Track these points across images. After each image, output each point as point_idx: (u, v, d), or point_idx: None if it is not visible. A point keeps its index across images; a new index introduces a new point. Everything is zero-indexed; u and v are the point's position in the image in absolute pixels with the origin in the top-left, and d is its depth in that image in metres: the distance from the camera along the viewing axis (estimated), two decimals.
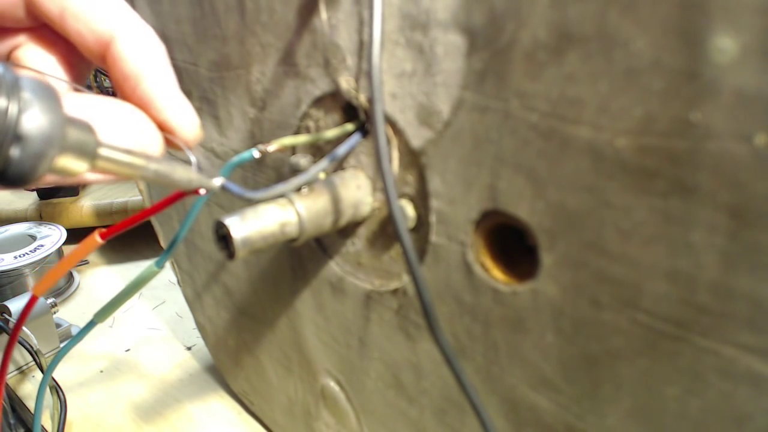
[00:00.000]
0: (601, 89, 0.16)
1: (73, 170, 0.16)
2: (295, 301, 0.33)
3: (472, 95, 0.20)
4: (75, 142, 0.16)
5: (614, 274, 0.17)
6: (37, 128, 0.15)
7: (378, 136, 0.20)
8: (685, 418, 0.17)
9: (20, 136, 0.14)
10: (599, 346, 0.19)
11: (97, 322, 0.29)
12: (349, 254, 0.28)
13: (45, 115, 0.15)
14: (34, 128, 0.15)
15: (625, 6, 0.15)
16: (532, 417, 0.22)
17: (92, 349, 0.56)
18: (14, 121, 0.14)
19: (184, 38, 0.33)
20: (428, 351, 0.25)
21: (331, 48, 0.24)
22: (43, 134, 0.15)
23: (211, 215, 0.38)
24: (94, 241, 0.24)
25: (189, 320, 0.54)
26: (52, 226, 0.67)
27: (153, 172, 0.18)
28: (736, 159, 0.14)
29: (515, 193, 0.19)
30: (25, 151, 0.15)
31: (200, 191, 0.20)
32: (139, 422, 0.46)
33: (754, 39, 0.13)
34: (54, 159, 0.15)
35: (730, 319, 0.15)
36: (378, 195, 0.26)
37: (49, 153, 0.15)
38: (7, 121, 0.14)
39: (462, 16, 0.19)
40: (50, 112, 0.15)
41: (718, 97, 0.14)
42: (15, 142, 0.14)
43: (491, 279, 0.21)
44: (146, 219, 0.24)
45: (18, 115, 0.14)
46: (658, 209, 0.16)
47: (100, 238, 0.24)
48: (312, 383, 0.35)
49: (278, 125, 0.29)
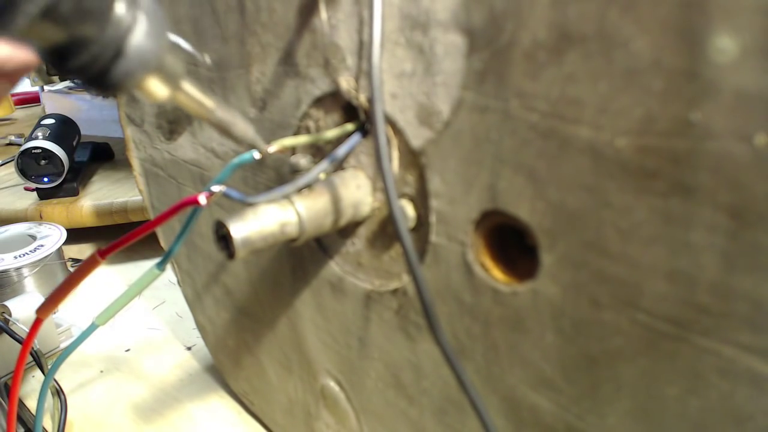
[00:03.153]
0: (601, 89, 0.16)
1: (156, 93, 0.17)
2: (295, 301, 0.33)
3: (472, 95, 0.20)
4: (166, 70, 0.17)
5: (614, 274, 0.17)
6: (137, 49, 0.15)
7: (378, 136, 0.20)
8: (685, 418, 0.17)
9: (122, 51, 0.15)
10: (599, 346, 0.19)
11: (98, 325, 0.29)
12: (349, 254, 0.28)
13: (148, 39, 0.16)
14: (135, 49, 0.15)
15: (625, 6, 0.15)
16: (532, 417, 0.22)
17: (92, 349, 0.56)
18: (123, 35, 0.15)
19: (184, 38, 0.33)
20: (428, 351, 0.25)
21: (331, 48, 0.24)
22: (142, 57, 0.16)
23: (211, 215, 0.38)
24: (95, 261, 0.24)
25: (189, 320, 0.54)
26: (52, 226, 0.67)
27: (217, 118, 0.20)
28: (736, 159, 0.14)
29: (515, 193, 0.19)
30: (120, 66, 0.15)
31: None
32: (139, 422, 0.46)
33: (754, 39, 0.13)
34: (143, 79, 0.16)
35: (730, 319, 0.15)
36: (378, 195, 0.26)
37: (139, 73, 0.16)
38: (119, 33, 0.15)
39: (462, 16, 0.19)
40: (154, 38, 0.16)
41: (718, 97, 0.14)
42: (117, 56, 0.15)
43: (491, 279, 0.21)
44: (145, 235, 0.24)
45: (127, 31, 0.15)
46: (658, 209, 0.16)
47: (100, 257, 0.24)
48: (312, 383, 0.35)
49: (278, 125, 0.29)
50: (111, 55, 0.15)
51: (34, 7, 0.13)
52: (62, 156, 0.74)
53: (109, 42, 0.15)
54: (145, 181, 0.46)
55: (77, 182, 0.78)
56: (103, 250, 0.24)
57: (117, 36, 0.15)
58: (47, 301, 0.26)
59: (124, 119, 0.45)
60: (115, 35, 0.15)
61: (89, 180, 0.83)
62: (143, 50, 0.16)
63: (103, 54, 0.15)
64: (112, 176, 0.84)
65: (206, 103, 0.19)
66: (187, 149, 0.38)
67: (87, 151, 0.88)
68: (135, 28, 0.15)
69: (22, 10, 0.13)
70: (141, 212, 0.72)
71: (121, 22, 0.15)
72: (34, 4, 0.13)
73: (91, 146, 0.90)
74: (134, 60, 0.16)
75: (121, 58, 0.15)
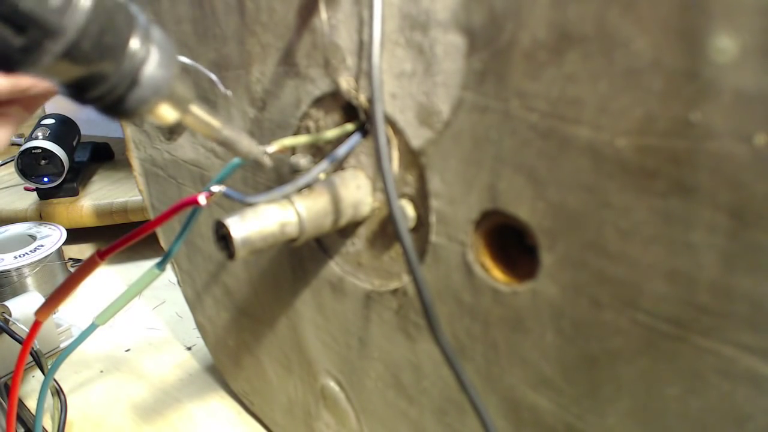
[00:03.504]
0: (601, 89, 0.16)
1: (167, 117, 0.18)
2: (295, 301, 0.33)
3: (472, 95, 0.20)
4: (176, 96, 0.18)
5: (614, 274, 0.17)
6: (150, 79, 0.17)
7: (378, 136, 0.20)
8: (685, 418, 0.17)
9: (136, 80, 0.16)
10: (599, 346, 0.19)
11: (98, 324, 0.29)
12: (349, 254, 0.28)
13: (160, 69, 0.17)
14: (148, 78, 0.17)
15: (625, 6, 0.15)
16: (532, 417, 0.22)
17: (92, 349, 0.56)
18: (138, 67, 0.16)
19: (184, 38, 0.33)
20: (428, 351, 0.25)
21: (331, 48, 0.24)
22: (155, 85, 0.17)
23: (211, 215, 0.38)
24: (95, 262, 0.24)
25: (189, 320, 0.54)
26: (52, 226, 0.67)
27: (224, 136, 0.21)
28: (736, 159, 0.14)
29: (515, 193, 0.19)
30: (135, 94, 0.17)
31: (204, 197, 0.22)
32: (139, 422, 0.46)
33: (754, 39, 0.13)
34: (155, 105, 0.17)
35: (730, 319, 0.15)
36: (378, 195, 0.26)
37: (152, 100, 0.17)
38: (134, 65, 0.16)
39: (462, 16, 0.19)
40: (166, 68, 0.17)
41: (718, 97, 0.14)
42: (132, 86, 0.16)
43: (491, 279, 0.21)
44: (145, 235, 0.24)
45: (141, 63, 0.16)
46: (658, 209, 0.16)
47: (100, 258, 0.24)
48: (312, 383, 0.35)
49: (278, 125, 0.29)
50: (126, 85, 0.16)
51: (59, 46, 0.14)
52: (62, 156, 0.74)
53: (125, 74, 0.16)
54: (145, 181, 0.46)
55: (77, 182, 0.78)
56: (102, 251, 0.24)
57: (132, 68, 0.16)
58: (47, 303, 0.26)
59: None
60: (131, 68, 0.16)
61: (89, 180, 0.83)
62: (156, 79, 0.17)
63: (119, 85, 0.16)
64: (112, 176, 0.84)
65: (213, 124, 0.20)
66: (187, 149, 0.38)
67: (87, 151, 0.88)
68: (148, 60, 0.16)
69: (48, 50, 0.14)
70: (141, 212, 0.72)
71: (135, 55, 0.16)
72: (59, 44, 0.14)
73: (91, 146, 0.90)
74: (148, 88, 0.17)
75: (135, 88, 0.17)
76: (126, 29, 0.16)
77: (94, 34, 0.15)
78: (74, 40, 0.14)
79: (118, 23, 0.15)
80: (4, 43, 0.14)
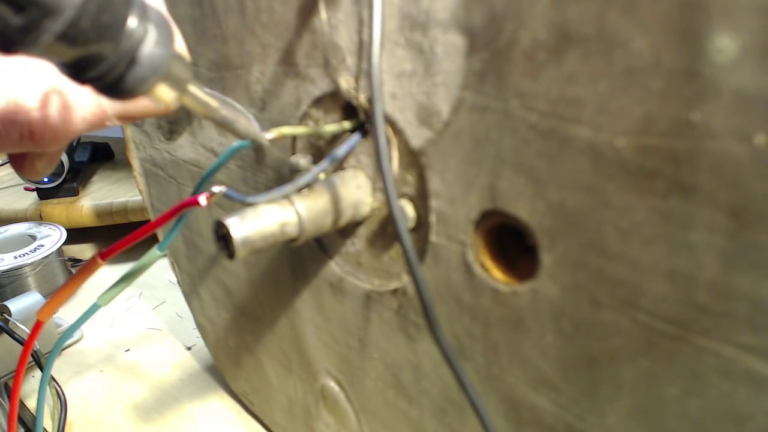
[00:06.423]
0: (601, 89, 0.16)
1: (165, 97, 0.18)
2: (295, 301, 0.33)
3: (471, 95, 0.20)
4: (174, 76, 0.18)
5: (614, 274, 0.17)
6: (149, 57, 0.17)
7: (378, 136, 0.20)
8: (685, 418, 0.17)
9: (135, 60, 0.16)
10: (599, 346, 0.19)
11: (100, 305, 0.29)
12: (349, 254, 0.28)
13: (158, 48, 0.17)
14: (146, 57, 0.17)
15: (625, 6, 0.15)
16: (532, 417, 0.22)
17: (92, 349, 0.56)
18: (136, 45, 0.16)
19: (184, 38, 0.33)
20: (428, 351, 0.25)
21: (331, 48, 0.24)
22: (153, 64, 0.17)
23: (210, 215, 0.38)
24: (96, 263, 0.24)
25: (189, 320, 0.54)
26: (52, 226, 0.67)
27: (221, 116, 0.21)
28: (736, 159, 0.14)
29: (515, 193, 0.19)
30: (133, 74, 0.17)
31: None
32: (139, 422, 0.46)
33: (754, 39, 0.13)
34: (154, 85, 0.17)
35: (730, 319, 0.15)
36: (378, 195, 0.26)
37: (150, 80, 0.17)
38: (132, 44, 0.16)
39: (462, 16, 0.19)
40: (164, 47, 0.17)
41: (718, 97, 0.14)
42: (130, 65, 0.16)
43: (491, 279, 0.21)
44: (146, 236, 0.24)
45: (139, 42, 0.16)
46: (657, 209, 0.16)
47: (101, 259, 0.24)
48: (312, 383, 0.35)
49: (278, 125, 0.29)
50: (125, 64, 0.16)
51: (58, 25, 0.14)
52: (62, 156, 0.74)
53: (124, 53, 0.16)
54: (145, 181, 0.46)
55: (77, 182, 0.78)
56: (104, 251, 0.24)
57: (131, 47, 0.16)
58: (48, 303, 0.26)
59: None
60: (129, 47, 0.16)
61: (89, 180, 0.83)
62: (154, 58, 0.17)
63: (118, 64, 0.16)
64: (112, 176, 0.84)
65: (211, 103, 0.20)
66: (187, 149, 0.38)
67: (87, 151, 0.88)
68: (146, 39, 0.16)
69: (47, 29, 0.14)
70: (141, 212, 0.72)
71: (133, 34, 0.16)
72: (58, 23, 0.14)
73: (91, 146, 0.90)
74: (146, 68, 0.17)
75: (133, 67, 0.16)
76: (123, 8, 0.16)
77: (93, 12, 0.14)
78: (73, 18, 0.14)
79: (115, 2, 0.15)
80: (3, 23, 0.13)
